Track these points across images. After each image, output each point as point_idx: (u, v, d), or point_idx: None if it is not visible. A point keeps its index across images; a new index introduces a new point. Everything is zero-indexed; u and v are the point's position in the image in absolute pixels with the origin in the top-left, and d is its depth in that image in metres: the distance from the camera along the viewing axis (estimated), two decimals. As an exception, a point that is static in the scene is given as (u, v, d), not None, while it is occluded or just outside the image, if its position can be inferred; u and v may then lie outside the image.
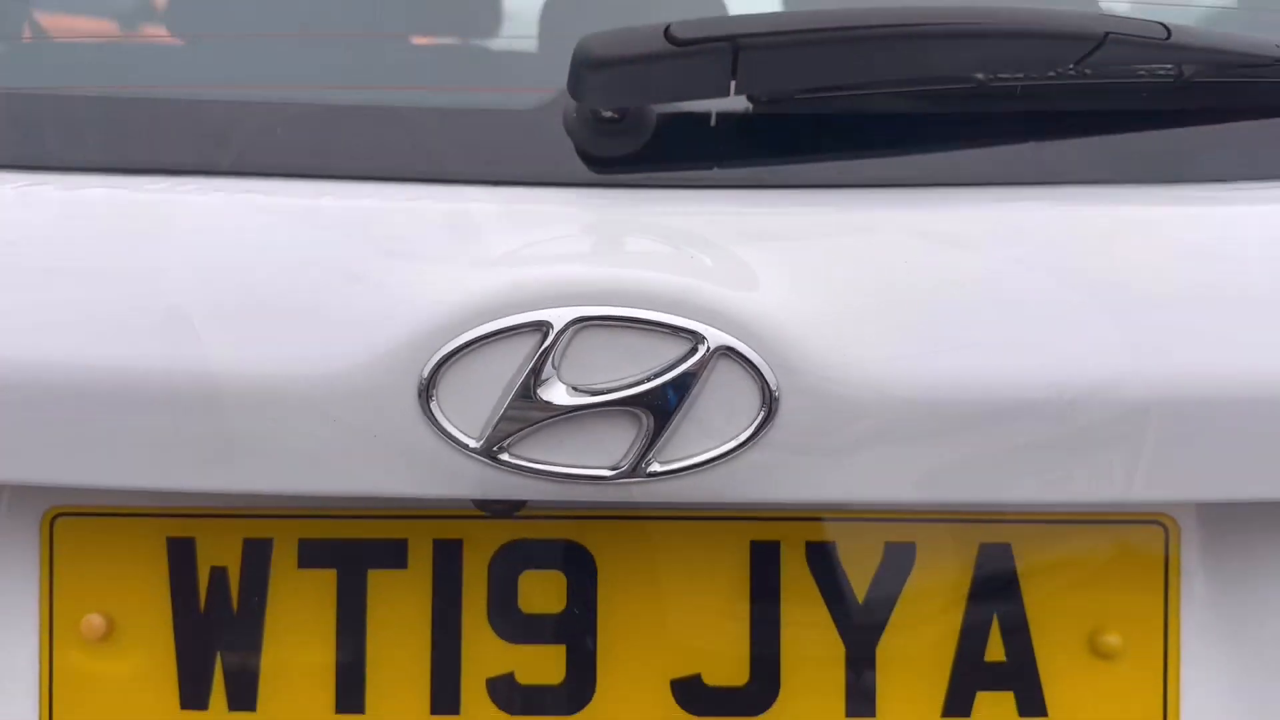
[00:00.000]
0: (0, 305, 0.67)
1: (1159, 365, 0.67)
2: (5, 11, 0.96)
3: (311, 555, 0.73)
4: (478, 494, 0.66)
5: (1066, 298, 0.68)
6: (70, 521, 0.74)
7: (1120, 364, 0.67)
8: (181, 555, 0.74)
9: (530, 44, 0.88)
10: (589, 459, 0.63)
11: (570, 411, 0.63)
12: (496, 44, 0.93)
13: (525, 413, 0.63)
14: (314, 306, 0.64)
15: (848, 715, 0.73)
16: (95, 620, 0.74)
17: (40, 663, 0.74)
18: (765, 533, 0.73)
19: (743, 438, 0.63)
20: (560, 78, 0.67)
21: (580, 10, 0.96)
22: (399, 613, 0.73)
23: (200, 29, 0.90)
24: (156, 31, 0.87)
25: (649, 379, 0.63)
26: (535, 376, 0.62)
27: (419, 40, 0.94)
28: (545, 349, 0.62)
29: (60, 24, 0.99)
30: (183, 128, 0.72)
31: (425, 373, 0.63)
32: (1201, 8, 1.06)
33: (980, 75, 0.70)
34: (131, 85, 0.81)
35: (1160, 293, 0.69)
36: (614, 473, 0.63)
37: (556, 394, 0.63)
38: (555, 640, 0.73)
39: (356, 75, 0.83)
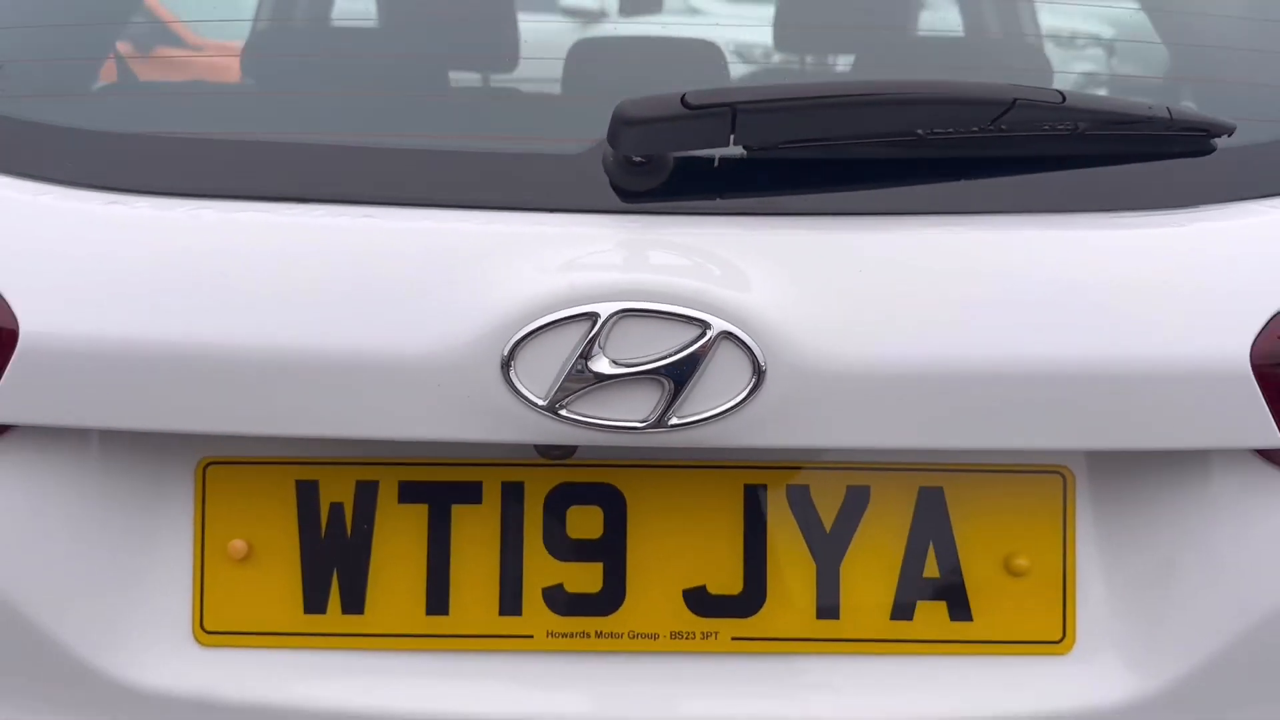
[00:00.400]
0: (179, 300, 0.89)
1: (1055, 348, 0.89)
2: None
3: (408, 493, 0.95)
4: (542, 440, 0.88)
5: (984, 297, 0.91)
6: (218, 469, 0.96)
7: (1025, 347, 0.89)
8: (307, 494, 0.95)
9: (570, 103, 1.10)
10: (626, 414, 0.85)
11: (612, 379, 0.85)
12: (549, 102, 1.15)
13: (579, 379, 0.84)
14: (426, 301, 0.86)
15: (817, 618, 0.95)
16: (238, 544, 0.95)
17: (194, 577, 0.96)
18: (755, 478, 0.95)
19: (739, 399, 0.85)
20: (595, 130, 0.90)
21: (602, 79, 1.18)
22: (475, 538, 0.95)
23: (336, 87, 1.12)
24: (298, 87, 1.09)
25: (670, 355, 0.84)
26: (586, 353, 0.84)
27: (499, 100, 1.16)
28: (594, 333, 0.84)
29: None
30: (325, 166, 0.95)
31: (506, 351, 0.85)
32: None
33: (920, 131, 0.93)
34: (286, 133, 1.03)
35: (1054, 292, 0.91)
36: (644, 424, 0.85)
37: (602, 366, 0.84)
38: (594, 559, 0.95)
39: (456, 127, 1.05)
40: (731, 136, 0.87)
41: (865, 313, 0.89)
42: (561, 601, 0.95)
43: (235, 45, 1.46)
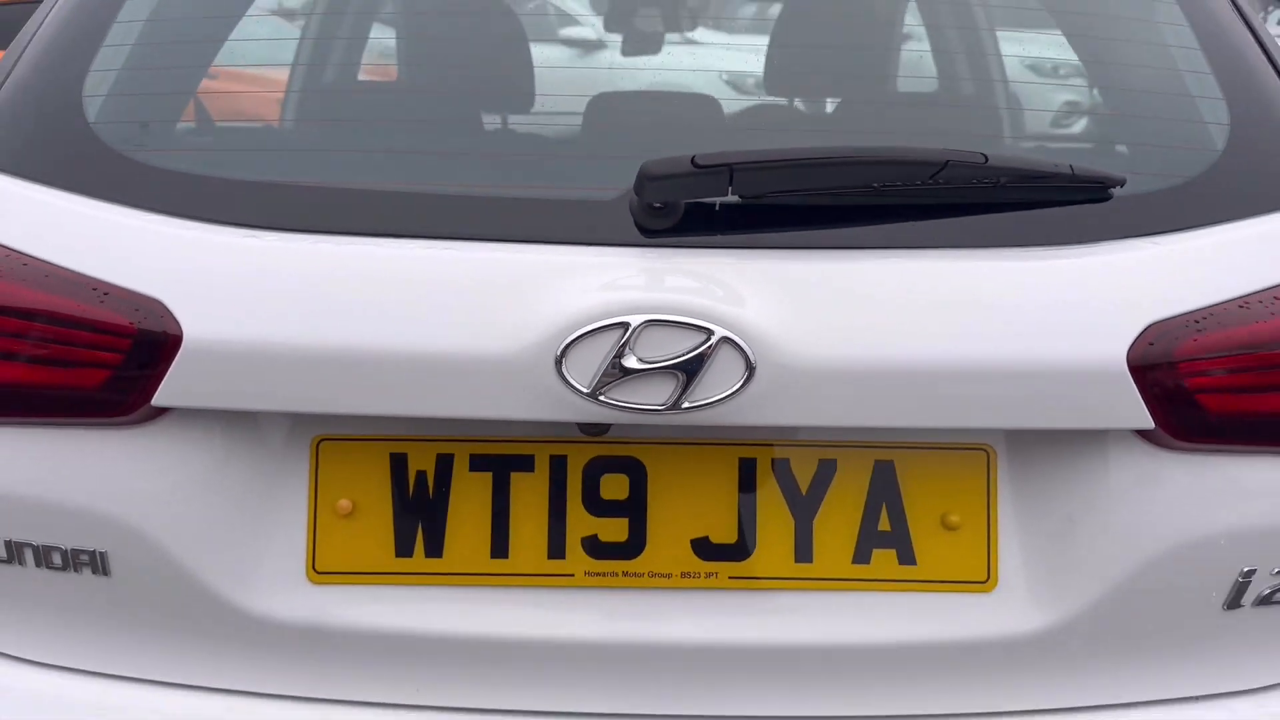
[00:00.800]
0: (305, 312, 1.16)
1: (978, 351, 1.16)
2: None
3: (476, 464, 1.22)
4: (585, 420, 1.15)
5: (923, 311, 1.18)
6: (328, 444, 1.22)
7: (956, 350, 1.16)
8: (398, 464, 1.22)
9: (606, 160, 1.37)
10: (649, 400, 1.12)
11: (639, 373, 1.11)
12: (591, 159, 1.42)
13: (613, 373, 1.11)
14: (499, 313, 1.13)
15: (795, 562, 1.22)
16: (344, 503, 1.22)
17: (308, 530, 1.22)
18: (747, 453, 1.22)
19: (734, 389, 1.12)
20: (624, 181, 1.17)
21: (628, 139, 1.46)
22: (528, 499, 1.21)
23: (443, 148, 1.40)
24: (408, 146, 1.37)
25: (683, 355, 1.11)
26: (620, 353, 1.11)
27: (550, 157, 1.44)
28: (625, 338, 1.11)
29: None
30: (425, 210, 1.22)
31: (559, 351, 1.11)
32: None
33: (875, 184, 1.20)
34: (391, 182, 1.30)
35: (978, 309, 1.18)
36: (663, 407, 1.12)
37: (631, 362, 1.11)
38: (621, 516, 1.22)
39: (521, 179, 1.33)
40: (730, 189, 1.15)
41: (832, 323, 1.16)
42: (596, 549, 1.22)
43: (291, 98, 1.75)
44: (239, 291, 1.17)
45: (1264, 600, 1.25)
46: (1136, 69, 1.56)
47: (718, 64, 2.08)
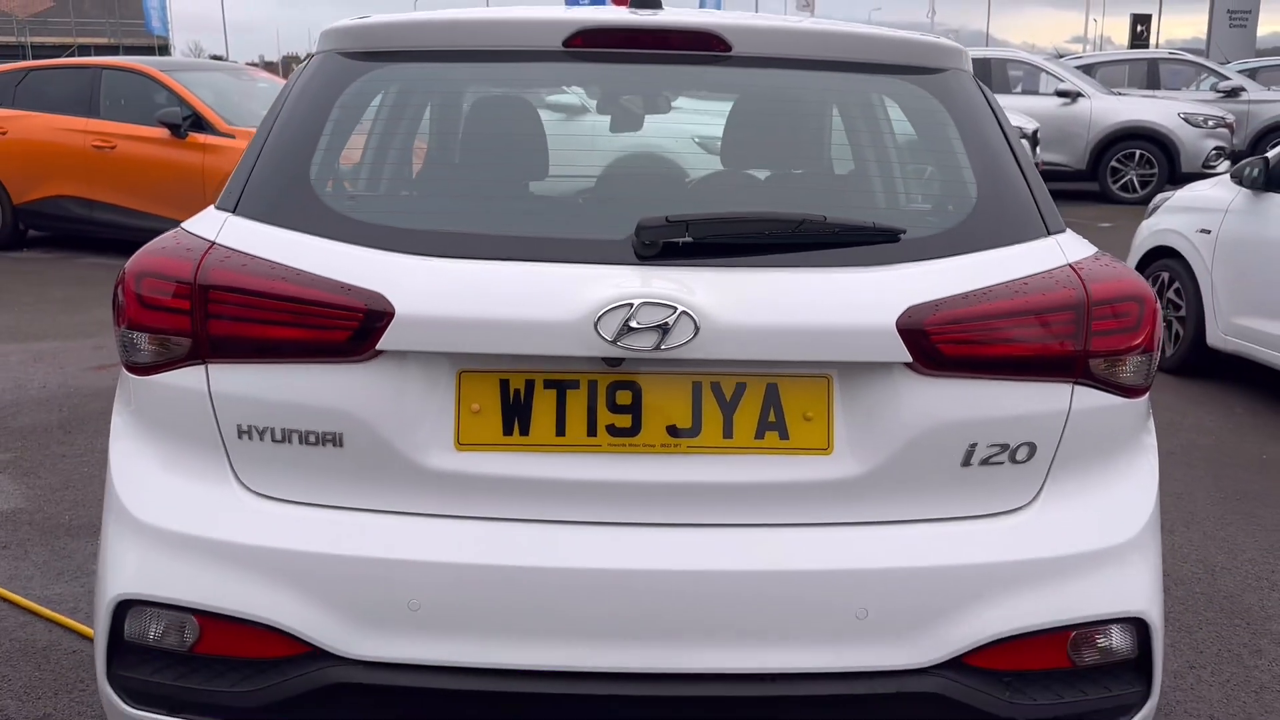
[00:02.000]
0: (455, 297, 2.15)
1: (815, 321, 2.17)
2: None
3: (547, 384, 2.20)
4: (608, 356, 2.14)
5: (783, 300, 2.18)
6: (467, 374, 2.21)
7: (805, 320, 2.17)
8: (504, 385, 2.20)
9: (619, 214, 2.38)
10: (643, 346, 2.10)
11: (637, 330, 2.10)
12: (611, 216, 2.44)
13: (624, 330, 2.10)
14: (563, 299, 2.12)
15: (723, 438, 2.21)
16: (475, 406, 2.21)
17: (454, 421, 2.20)
18: (696, 378, 2.21)
19: (688, 340, 2.10)
20: (629, 227, 2.18)
21: (634, 199, 2.48)
22: (576, 404, 2.20)
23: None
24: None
25: (661, 321, 2.10)
26: (627, 320, 2.10)
27: (587, 213, 2.46)
28: (631, 312, 2.10)
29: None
30: (519, 245, 2.22)
31: (596, 319, 2.10)
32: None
33: (765, 231, 2.22)
34: (506, 228, 2.31)
35: (810, 294, 2.19)
36: (650, 350, 2.11)
37: (633, 324, 2.10)
38: (627, 414, 2.20)
39: (572, 228, 2.33)
40: (686, 233, 2.16)
41: (741, 304, 2.16)
42: (613, 431, 2.21)
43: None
44: (421, 287, 2.16)
45: (984, 462, 2.26)
46: (929, 166, 2.60)
47: (690, 129, 3.14)
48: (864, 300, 2.19)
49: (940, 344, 2.18)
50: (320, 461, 2.21)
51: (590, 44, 2.45)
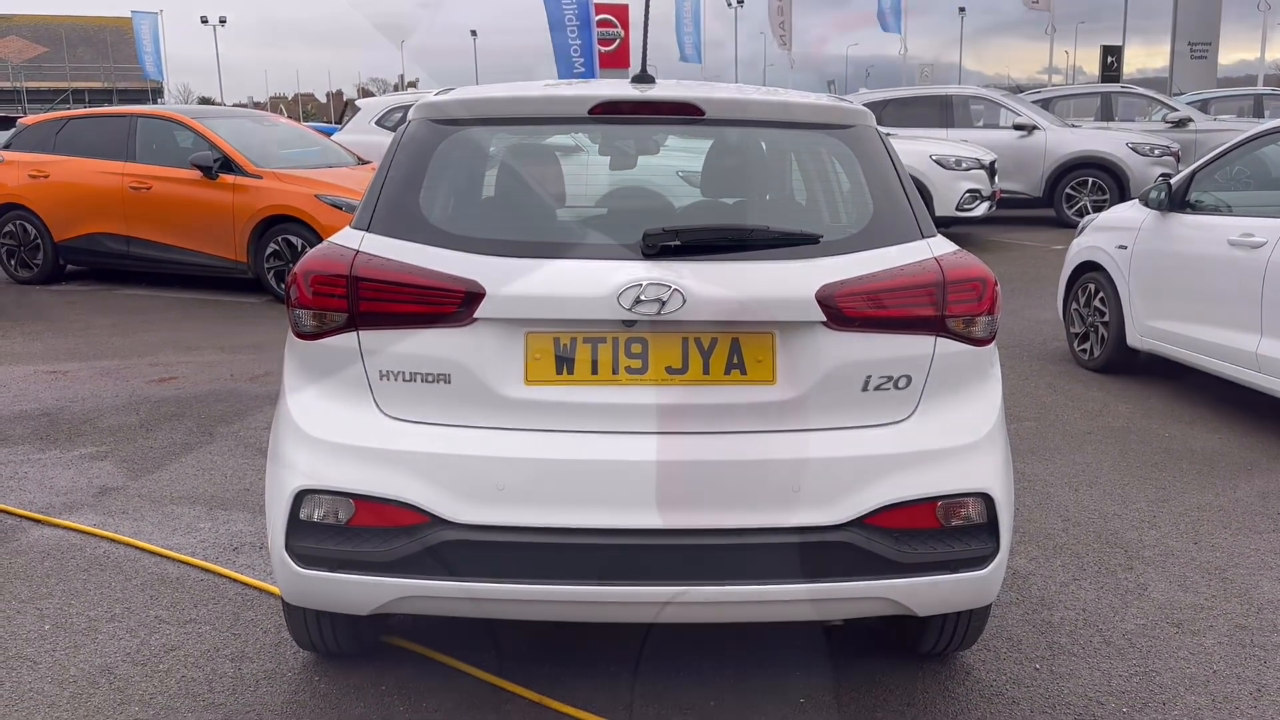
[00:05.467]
0: (532, 285, 3.27)
1: (767, 293, 3.28)
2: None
3: (586, 340, 3.28)
4: (627, 318, 3.23)
5: (747, 280, 3.30)
6: (531, 334, 3.31)
7: (756, 294, 3.28)
8: (558, 341, 3.30)
9: (632, 224, 3.50)
10: (649, 312, 3.19)
11: (646, 302, 3.19)
12: (626, 227, 3.56)
13: (639, 300, 3.19)
14: (599, 281, 3.21)
15: (703, 374, 3.29)
16: (537, 355, 3.29)
17: (524, 365, 3.30)
18: (686, 335, 3.30)
19: (679, 308, 3.19)
20: (637, 234, 3.30)
21: (641, 213, 3.61)
22: (605, 353, 3.28)
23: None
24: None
25: (663, 296, 3.20)
26: (639, 294, 3.20)
27: (609, 224, 3.58)
28: (642, 289, 3.19)
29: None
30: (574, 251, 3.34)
31: (619, 294, 3.18)
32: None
33: (730, 238, 3.35)
34: (545, 237, 3.42)
35: (766, 276, 3.30)
36: (657, 314, 3.19)
37: (642, 298, 3.20)
38: (639, 359, 3.29)
39: (604, 237, 3.45)
40: (678, 238, 3.28)
41: (715, 284, 3.25)
42: (629, 370, 3.30)
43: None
44: (502, 276, 3.27)
45: (877, 388, 3.34)
46: (841, 191, 3.75)
47: (673, 165, 4.36)
48: (795, 281, 3.30)
49: (845, 309, 3.29)
50: (435, 393, 3.29)
51: (607, 111, 3.58)
